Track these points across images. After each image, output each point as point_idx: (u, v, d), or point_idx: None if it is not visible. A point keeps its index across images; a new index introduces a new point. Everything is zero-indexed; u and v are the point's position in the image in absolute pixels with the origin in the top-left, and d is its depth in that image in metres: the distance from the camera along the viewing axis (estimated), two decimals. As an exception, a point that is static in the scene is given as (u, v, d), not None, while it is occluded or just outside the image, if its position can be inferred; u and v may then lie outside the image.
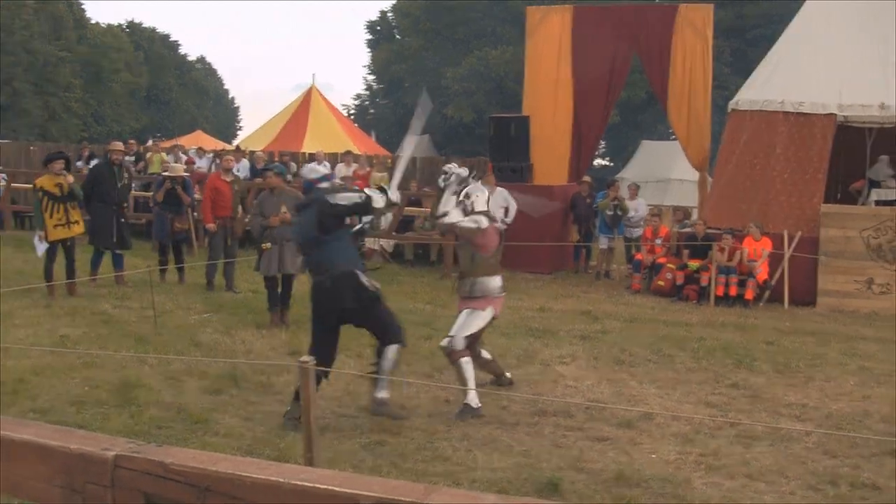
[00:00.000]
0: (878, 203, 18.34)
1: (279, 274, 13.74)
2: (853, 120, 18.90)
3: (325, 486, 2.43)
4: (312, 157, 26.23)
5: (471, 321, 9.99)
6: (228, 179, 16.51)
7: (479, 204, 10.27)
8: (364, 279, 9.15)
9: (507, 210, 19.93)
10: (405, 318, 14.22)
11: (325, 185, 9.77)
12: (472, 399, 9.53)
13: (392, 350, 9.28)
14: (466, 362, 9.77)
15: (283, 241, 13.60)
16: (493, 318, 10.39)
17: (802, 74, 18.74)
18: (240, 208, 17.60)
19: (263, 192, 14.44)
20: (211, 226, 15.86)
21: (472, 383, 9.62)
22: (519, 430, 8.93)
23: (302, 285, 17.07)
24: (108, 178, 15.82)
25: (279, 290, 13.79)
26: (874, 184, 19.01)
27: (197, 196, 18.63)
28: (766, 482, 7.82)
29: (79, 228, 15.05)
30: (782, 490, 7.66)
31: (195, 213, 18.69)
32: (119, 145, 17.48)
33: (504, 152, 21.87)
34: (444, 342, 9.91)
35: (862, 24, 18.69)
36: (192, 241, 18.36)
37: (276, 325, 13.39)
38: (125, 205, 17.18)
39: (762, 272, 17.60)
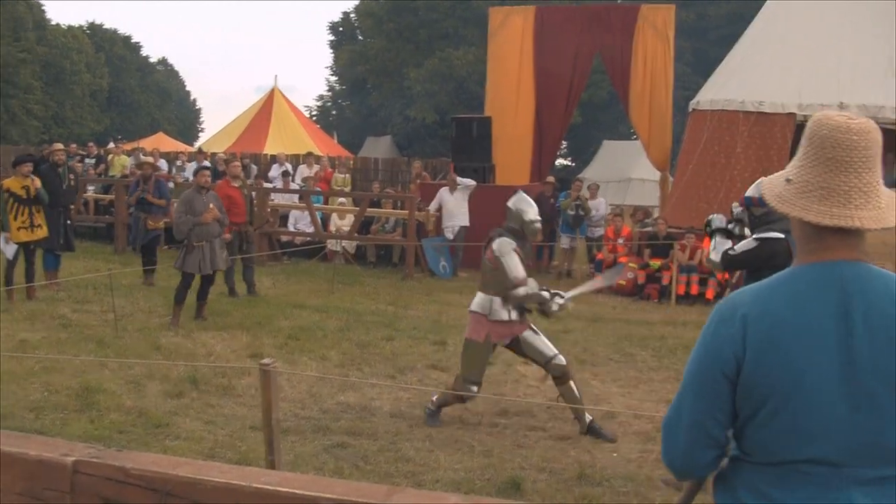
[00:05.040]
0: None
1: (210, 272, 13.83)
2: (812, 119, 19.02)
3: (287, 489, 2.44)
4: (274, 159, 26.23)
5: (540, 333, 9.41)
6: (237, 185, 16.38)
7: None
8: None
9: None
10: (367, 319, 14.29)
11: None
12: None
13: None
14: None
15: (213, 238, 13.62)
16: None
17: (762, 74, 18.88)
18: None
19: (188, 191, 14.34)
20: (227, 236, 15.16)
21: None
22: (481, 431, 8.94)
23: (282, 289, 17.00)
24: (53, 181, 15.67)
25: (195, 285, 13.86)
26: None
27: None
28: (727, 480, 7.85)
29: (42, 232, 14.89)
30: (744, 487, 7.69)
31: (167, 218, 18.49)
32: (60, 146, 17.33)
33: (466, 153, 21.88)
34: (563, 361, 9.21)
35: (821, 25, 18.84)
36: (161, 242, 18.15)
37: (177, 323, 13.36)
38: (71, 207, 17.09)
39: (723, 270, 17.68)
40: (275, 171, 25.06)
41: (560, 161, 49.77)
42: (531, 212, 9.15)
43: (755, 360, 2.67)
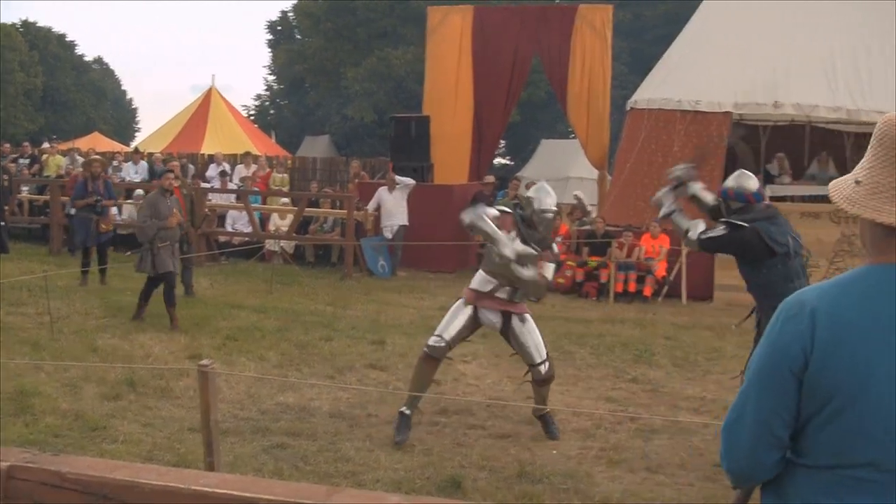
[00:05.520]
0: (772, 199, 18.70)
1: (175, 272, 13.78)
2: (748, 118, 19.27)
3: (226, 491, 2.43)
4: (212, 159, 26.05)
5: (537, 335, 9.19)
6: (177, 184, 16.26)
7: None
8: None
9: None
10: (306, 319, 14.25)
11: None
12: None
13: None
14: None
15: (175, 241, 13.61)
16: None
17: (699, 74, 19.07)
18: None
19: (152, 193, 14.24)
20: None
21: None
22: (421, 430, 8.94)
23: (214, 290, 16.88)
24: None
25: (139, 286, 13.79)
26: (769, 180, 19.39)
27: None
28: (665, 474, 7.94)
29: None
30: (681, 482, 7.79)
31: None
32: None
33: (405, 152, 21.88)
34: (546, 370, 9.08)
35: (756, 25, 19.07)
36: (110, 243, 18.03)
37: (177, 326, 13.26)
38: (5, 208, 16.89)
39: (660, 268, 17.85)
40: (212, 170, 24.89)
41: (499, 160, 49.82)
42: (546, 201, 8.87)
43: (822, 359, 2.64)
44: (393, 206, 20.06)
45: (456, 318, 9.04)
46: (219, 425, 6.73)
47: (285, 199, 22.41)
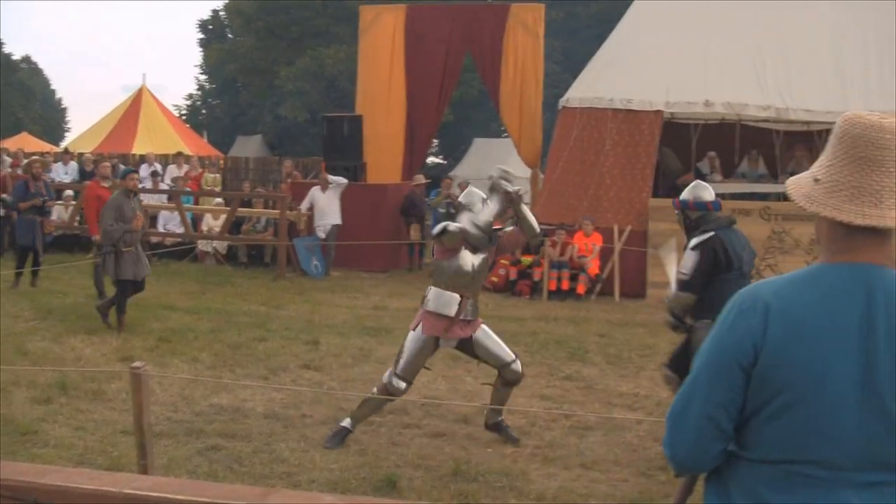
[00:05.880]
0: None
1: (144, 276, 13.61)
2: (679, 116, 19.46)
3: (159, 494, 2.41)
4: (143, 159, 25.82)
5: (497, 337, 8.92)
6: (108, 185, 16.00)
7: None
8: None
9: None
10: (239, 320, 14.17)
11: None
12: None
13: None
14: None
15: (137, 243, 13.43)
16: None
17: (631, 73, 19.22)
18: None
19: (116, 195, 13.97)
20: (97, 237, 14.41)
21: None
22: (356, 429, 8.91)
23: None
24: None
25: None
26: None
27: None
28: (600, 471, 8.00)
29: None
30: (616, 478, 7.85)
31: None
32: None
33: (338, 152, 21.86)
34: (518, 367, 8.84)
35: (687, 25, 19.28)
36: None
37: (108, 327, 13.12)
38: None
39: (593, 266, 17.98)
40: (144, 171, 24.65)
41: (431, 159, 49.85)
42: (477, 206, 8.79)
43: (774, 355, 2.63)
44: (326, 205, 20.03)
45: (418, 354, 8.68)
46: (152, 428, 6.68)
47: (218, 200, 22.28)
